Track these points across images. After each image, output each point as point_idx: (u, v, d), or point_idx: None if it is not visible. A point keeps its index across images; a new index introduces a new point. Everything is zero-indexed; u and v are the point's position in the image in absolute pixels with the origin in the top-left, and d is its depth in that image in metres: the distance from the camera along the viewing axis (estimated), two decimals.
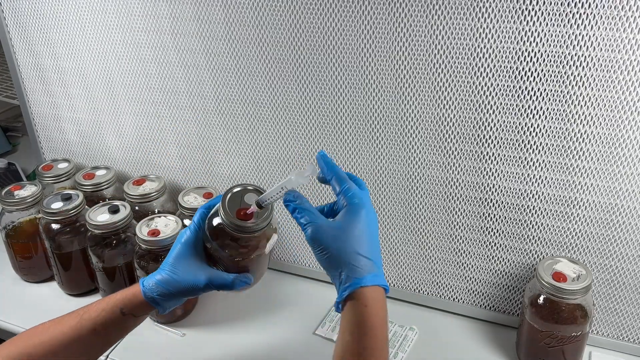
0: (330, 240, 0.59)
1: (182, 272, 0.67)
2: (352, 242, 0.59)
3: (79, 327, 0.67)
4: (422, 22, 0.73)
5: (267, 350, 0.86)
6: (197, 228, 0.68)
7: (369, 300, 0.58)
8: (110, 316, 0.67)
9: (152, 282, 0.67)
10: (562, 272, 0.77)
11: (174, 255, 0.68)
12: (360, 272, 0.58)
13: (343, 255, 0.59)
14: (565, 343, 0.77)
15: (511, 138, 0.77)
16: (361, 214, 0.60)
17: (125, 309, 0.68)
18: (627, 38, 0.66)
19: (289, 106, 0.88)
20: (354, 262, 0.58)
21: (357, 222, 0.60)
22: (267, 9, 0.81)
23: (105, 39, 0.95)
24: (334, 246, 0.59)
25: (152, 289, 0.67)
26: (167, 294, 0.67)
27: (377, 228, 0.62)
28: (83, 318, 0.67)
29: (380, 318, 0.58)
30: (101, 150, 1.08)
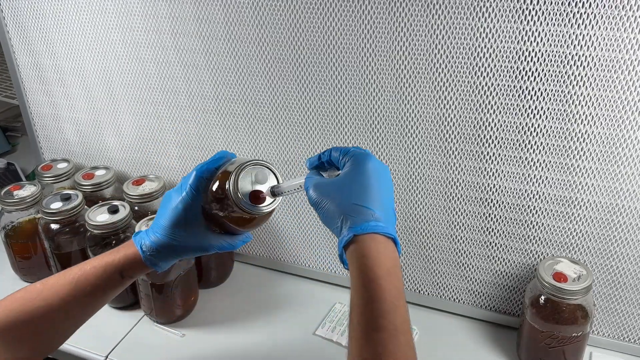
0: (325, 194, 0.57)
1: (184, 238, 0.64)
2: (347, 193, 0.56)
3: (75, 293, 0.65)
4: (422, 22, 0.73)
5: (267, 350, 0.86)
6: (196, 193, 0.64)
7: (365, 250, 0.54)
8: (109, 280, 0.66)
9: (151, 248, 0.65)
10: (563, 272, 0.77)
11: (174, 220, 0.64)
12: (354, 220, 0.54)
13: (338, 206, 0.56)
14: (565, 343, 0.77)
15: (511, 138, 0.77)
16: (360, 167, 0.58)
17: (125, 273, 0.66)
18: (627, 38, 0.66)
19: (289, 106, 0.88)
20: (348, 212, 0.55)
21: (354, 174, 0.58)
22: (267, 9, 0.81)
23: (105, 39, 0.94)
24: (330, 199, 0.57)
25: (154, 255, 0.65)
26: (170, 258, 0.66)
27: (386, 181, 0.59)
28: (79, 282, 0.65)
29: (385, 270, 0.53)
30: (100, 150, 1.08)
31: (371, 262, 0.53)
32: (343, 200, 0.56)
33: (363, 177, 0.57)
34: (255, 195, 0.64)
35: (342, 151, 0.61)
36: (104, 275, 0.65)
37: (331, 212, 0.57)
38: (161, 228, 0.65)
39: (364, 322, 0.51)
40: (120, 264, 0.65)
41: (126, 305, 0.95)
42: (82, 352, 0.86)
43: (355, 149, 0.60)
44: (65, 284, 0.65)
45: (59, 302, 0.65)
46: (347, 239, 0.54)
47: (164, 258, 0.65)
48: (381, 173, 0.59)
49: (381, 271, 0.53)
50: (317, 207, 0.59)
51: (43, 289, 0.66)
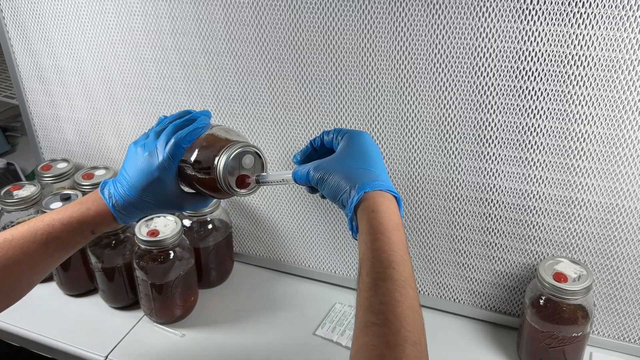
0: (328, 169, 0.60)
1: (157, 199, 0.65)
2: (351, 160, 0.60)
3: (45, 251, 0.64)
4: (422, 22, 0.73)
5: (267, 350, 0.86)
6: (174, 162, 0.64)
7: (376, 205, 0.56)
8: (80, 237, 0.65)
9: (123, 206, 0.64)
10: (563, 272, 0.77)
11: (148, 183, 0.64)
12: (363, 179, 0.57)
13: (343, 173, 0.59)
14: (566, 343, 0.77)
15: (512, 138, 0.77)
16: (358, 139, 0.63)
17: (97, 229, 0.66)
18: (627, 38, 0.66)
19: (289, 106, 0.88)
20: (354, 174, 0.58)
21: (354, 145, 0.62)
22: (267, 9, 0.81)
23: (105, 39, 0.94)
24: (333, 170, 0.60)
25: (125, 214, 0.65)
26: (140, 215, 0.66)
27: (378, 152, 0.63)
28: (49, 240, 0.64)
29: (393, 223, 0.55)
30: (100, 150, 1.08)
31: (381, 216, 0.55)
32: (348, 167, 0.59)
33: (362, 146, 0.61)
34: (242, 179, 0.65)
35: (336, 131, 0.65)
36: (76, 232, 0.65)
37: (337, 181, 0.59)
38: (134, 189, 0.64)
39: (374, 273, 0.52)
40: (93, 222, 0.65)
41: (126, 305, 0.95)
42: (82, 352, 0.86)
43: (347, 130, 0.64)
44: (35, 242, 0.63)
45: (26, 258, 0.63)
46: (359, 197, 0.56)
47: (134, 215, 0.66)
48: (374, 145, 0.64)
49: (390, 224, 0.55)
50: (321, 182, 0.61)
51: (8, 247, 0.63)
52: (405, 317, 0.49)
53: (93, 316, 0.93)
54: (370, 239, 0.54)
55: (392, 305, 0.49)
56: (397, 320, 0.48)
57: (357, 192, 0.57)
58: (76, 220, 0.65)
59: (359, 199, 0.57)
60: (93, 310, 0.95)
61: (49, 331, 0.89)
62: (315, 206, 0.94)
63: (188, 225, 0.94)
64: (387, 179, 0.59)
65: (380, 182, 0.57)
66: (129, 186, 0.64)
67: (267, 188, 0.97)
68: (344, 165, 0.60)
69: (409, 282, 0.52)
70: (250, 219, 1.02)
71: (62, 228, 0.64)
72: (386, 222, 0.55)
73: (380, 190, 0.57)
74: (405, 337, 0.47)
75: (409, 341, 0.47)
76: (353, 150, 0.61)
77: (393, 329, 0.48)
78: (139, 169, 0.64)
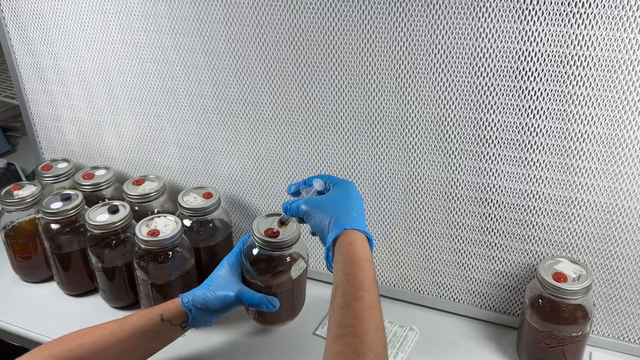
0: (316, 206, 0.71)
1: (217, 286, 0.78)
2: (335, 203, 0.70)
3: (120, 331, 0.72)
4: (422, 22, 0.73)
5: (267, 350, 0.86)
6: (239, 251, 0.83)
7: (352, 240, 0.65)
8: (149, 322, 0.74)
9: (192, 292, 0.77)
10: (563, 272, 0.77)
11: (215, 272, 0.81)
12: (344, 219, 0.67)
13: (328, 212, 0.69)
14: (565, 343, 0.77)
15: (511, 138, 0.77)
16: (345, 187, 0.73)
17: (165, 316, 0.74)
18: (627, 38, 0.66)
19: (289, 106, 0.88)
20: (338, 213, 0.68)
21: (339, 191, 0.72)
22: (267, 9, 0.81)
23: (105, 39, 0.94)
24: (320, 208, 0.70)
25: (190, 296, 0.76)
26: (201, 303, 0.76)
27: (361, 201, 0.73)
28: (124, 323, 0.73)
29: (366, 257, 0.64)
30: (101, 150, 1.08)
31: (356, 249, 0.64)
32: (332, 207, 0.69)
33: (348, 193, 0.72)
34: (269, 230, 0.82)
35: (329, 179, 0.76)
36: (146, 315, 0.74)
37: (322, 217, 0.69)
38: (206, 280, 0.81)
39: (347, 294, 0.60)
40: (162, 307, 0.75)
41: (127, 305, 0.95)
42: None
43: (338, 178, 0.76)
44: (111, 324, 0.73)
45: (102, 339, 0.71)
46: (338, 231, 0.66)
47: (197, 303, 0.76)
48: (358, 194, 0.74)
49: (364, 257, 0.64)
50: (308, 216, 0.71)
51: (90, 329, 0.73)
52: (371, 332, 0.57)
53: (94, 316, 0.93)
54: (346, 266, 0.62)
55: (361, 321, 0.57)
56: (364, 334, 0.56)
57: (337, 227, 0.66)
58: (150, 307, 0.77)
59: (338, 233, 0.66)
60: (93, 310, 0.95)
61: (49, 331, 0.89)
62: None
63: (188, 225, 0.94)
64: (364, 224, 0.68)
65: (358, 223, 0.67)
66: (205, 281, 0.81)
67: (267, 187, 0.97)
68: (329, 205, 0.70)
69: (376, 306, 0.60)
70: (251, 219, 1.02)
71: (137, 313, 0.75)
72: (360, 254, 0.63)
73: (356, 230, 0.66)
74: (370, 347, 0.55)
75: (373, 351, 0.55)
76: (339, 195, 0.72)
77: (361, 340, 0.55)
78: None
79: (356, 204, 0.71)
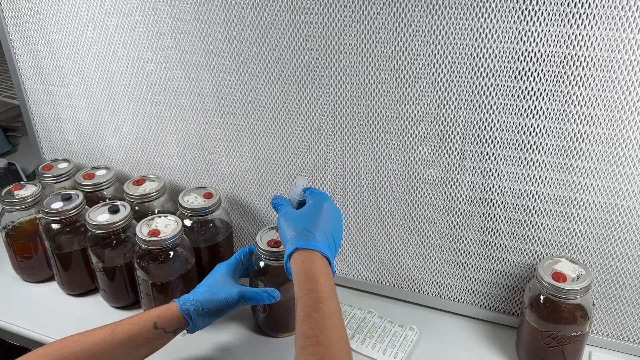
0: (285, 220, 0.74)
1: (218, 289, 0.78)
2: (299, 220, 0.72)
3: (111, 339, 0.70)
4: (422, 22, 0.74)
5: (268, 349, 0.87)
6: (238, 258, 0.84)
7: (305, 257, 0.68)
8: (142, 329, 0.72)
9: (190, 297, 0.76)
10: (562, 272, 0.77)
11: (212, 276, 0.81)
12: (301, 238, 0.69)
13: (293, 229, 0.71)
14: (565, 343, 0.77)
15: (511, 138, 0.77)
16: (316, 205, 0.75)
17: (158, 323, 0.73)
18: (627, 38, 0.66)
19: (289, 106, 0.88)
20: (298, 233, 0.70)
21: (313, 209, 0.74)
22: (267, 9, 0.81)
23: (105, 39, 0.95)
24: (287, 223, 0.73)
25: (189, 302, 0.75)
26: (203, 308, 0.75)
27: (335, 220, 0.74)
28: (116, 330, 0.71)
29: (320, 270, 0.66)
30: (101, 150, 1.08)
31: (309, 265, 0.67)
32: (296, 224, 0.72)
33: (317, 211, 0.74)
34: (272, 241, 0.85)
35: (309, 192, 0.78)
36: (138, 323, 0.72)
37: (285, 232, 0.72)
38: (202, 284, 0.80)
39: (306, 307, 0.63)
40: (155, 314, 0.74)
41: (127, 304, 0.95)
42: None
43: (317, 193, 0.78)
44: (102, 331, 0.71)
45: (93, 347, 0.70)
46: (291, 250, 0.69)
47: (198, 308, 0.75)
48: (331, 212, 0.74)
49: (317, 271, 0.66)
50: (279, 225, 0.74)
51: (81, 336, 0.71)
52: (334, 340, 0.59)
53: (94, 316, 0.93)
54: (301, 281, 0.66)
55: (324, 331, 0.60)
56: (328, 342, 0.59)
57: (292, 245, 0.69)
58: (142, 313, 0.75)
59: (291, 251, 0.69)
60: (94, 310, 0.95)
61: (49, 331, 0.89)
62: None
63: (189, 225, 0.94)
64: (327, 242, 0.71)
65: (313, 242, 0.69)
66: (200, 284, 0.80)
67: (267, 187, 0.97)
68: (294, 222, 0.73)
69: (335, 315, 0.63)
70: (251, 219, 1.02)
71: (129, 319, 0.73)
72: (314, 270, 0.66)
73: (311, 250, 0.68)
74: (336, 354, 0.58)
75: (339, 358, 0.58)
76: (307, 213, 0.74)
77: (326, 348, 0.58)
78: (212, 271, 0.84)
79: (323, 222, 0.72)
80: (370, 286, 0.98)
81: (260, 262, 0.84)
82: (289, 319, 0.87)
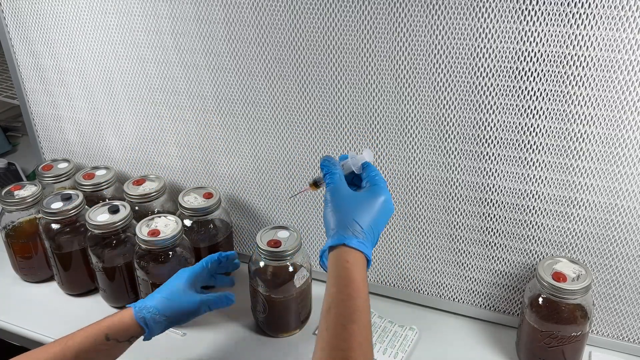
0: (337, 198, 0.66)
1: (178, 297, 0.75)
2: (355, 210, 0.65)
3: (62, 355, 0.68)
4: (422, 22, 0.74)
5: (268, 350, 0.87)
6: (204, 264, 0.81)
7: (350, 258, 0.62)
8: (93, 343, 0.69)
9: (146, 303, 0.73)
10: (562, 272, 0.77)
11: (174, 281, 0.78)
12: (349, 233, 0.63)
13: (343, 216, 0.64)
14: (565, 343, 0.77)
15: (511, 138, 0.77)
16: (376, 198, 0.66)
17: (110, 335, 0.70)
18: (627, 38, 0.66)
19: (289, 106, 0.88)
20: (347, 224, 0.63)
21: (369, 200, 0.66)
22: (267, 9, 0.81)
23: (105, 39, 0.95)
24: (340, 207, 0.65)
25: (145, 309, 0.72)
26: (160, 315, 0.73)
27: (386, 218, 0.67)
28: (68, 344, 0.69)
29: (362, 277, 0.62)
30: (101, 150, 1.08)
31: (352, 267, 0.62)
32: (347, 212, 0.64)
33: (372, 204, 0.66)
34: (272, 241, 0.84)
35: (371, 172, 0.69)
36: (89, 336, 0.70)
37: (333, 215, 0.65)
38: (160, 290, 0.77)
39: (341, 314, 0.59)
40: (106, 326, 0.71)
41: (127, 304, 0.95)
42: None
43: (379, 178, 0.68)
44: (55, 346, 0.69)
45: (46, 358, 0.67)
46: (336, 243, 0.63)
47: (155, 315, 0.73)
48: (385, 209, 0.66)
49: (359, 277, 0.62)
50: (326, 203, 0.67)
51: (34, 353, 0.68)
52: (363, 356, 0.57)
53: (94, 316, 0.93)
54: (342, 284, 0.61)
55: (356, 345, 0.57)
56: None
57: (338, 239, 0.63)
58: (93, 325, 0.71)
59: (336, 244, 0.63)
60: (94, 310, 0.95)
61: (50, 331, 0.89)
62: (315, 207, 0.94)
63: (189, 225, 0.94)
64: (369, 245, 0.64)
65: (361, 241, 0.63)
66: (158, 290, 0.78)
67: (267, 187, 0.97)
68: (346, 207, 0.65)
69: (368, 327, 0.60)
70: (251, 219, 1.02)
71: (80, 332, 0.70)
72: (356, 275, 0.61)
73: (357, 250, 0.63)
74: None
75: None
76: (363, 202, 0.66)
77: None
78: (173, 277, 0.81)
79: (375, 219, 0.65)
80: (370, 286, 0.97)
81: (260, 262, 0.84)
82: (289, 319, 0.87)
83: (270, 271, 0.84)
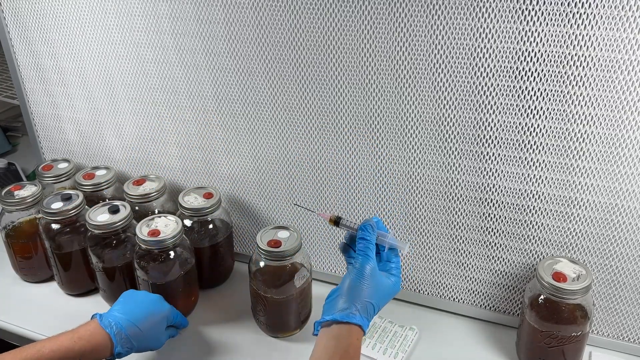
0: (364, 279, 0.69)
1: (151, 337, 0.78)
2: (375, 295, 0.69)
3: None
4: (422, 22, 0.74)
5: (268, 350, 0.87)
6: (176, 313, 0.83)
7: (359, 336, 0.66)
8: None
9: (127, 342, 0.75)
10: (562, 272, 0.77)
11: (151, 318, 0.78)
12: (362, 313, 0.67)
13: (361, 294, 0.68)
14: (565, 343, 0.77)
15: (511, 138, 0.77)
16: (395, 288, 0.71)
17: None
18: (627, 38, 0.66)
19: (289, 106, 0.88)
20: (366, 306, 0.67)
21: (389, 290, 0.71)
22: (267, 9, 0.81)
23: (105, 39, 0.95)
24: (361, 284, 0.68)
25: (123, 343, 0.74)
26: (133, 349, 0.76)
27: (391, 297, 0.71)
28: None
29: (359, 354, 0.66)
30: (101, 150, 1.08)
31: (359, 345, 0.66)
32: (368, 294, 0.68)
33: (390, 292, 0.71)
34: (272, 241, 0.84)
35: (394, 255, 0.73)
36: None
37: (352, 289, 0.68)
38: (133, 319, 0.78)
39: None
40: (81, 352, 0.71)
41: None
42: None
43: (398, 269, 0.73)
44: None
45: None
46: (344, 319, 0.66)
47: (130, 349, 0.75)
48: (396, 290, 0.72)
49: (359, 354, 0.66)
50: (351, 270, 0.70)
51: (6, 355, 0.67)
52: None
53: None
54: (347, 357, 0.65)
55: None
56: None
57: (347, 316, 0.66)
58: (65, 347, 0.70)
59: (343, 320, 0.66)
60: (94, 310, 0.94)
61: (50, 331, 0.89)
62: (315, 206, 0.94)
63: (189, 225, 0.94)
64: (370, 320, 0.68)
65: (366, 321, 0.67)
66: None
67: (267, 187, 0.97)
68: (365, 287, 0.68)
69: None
70: (251, 219, 1.02)
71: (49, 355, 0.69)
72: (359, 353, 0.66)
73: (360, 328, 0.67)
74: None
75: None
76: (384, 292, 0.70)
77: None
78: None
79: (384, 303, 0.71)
80: None
81: (260, 262, 0.84)
82: (288, 319, 0.87)
83: (271, 271, 0.84)
